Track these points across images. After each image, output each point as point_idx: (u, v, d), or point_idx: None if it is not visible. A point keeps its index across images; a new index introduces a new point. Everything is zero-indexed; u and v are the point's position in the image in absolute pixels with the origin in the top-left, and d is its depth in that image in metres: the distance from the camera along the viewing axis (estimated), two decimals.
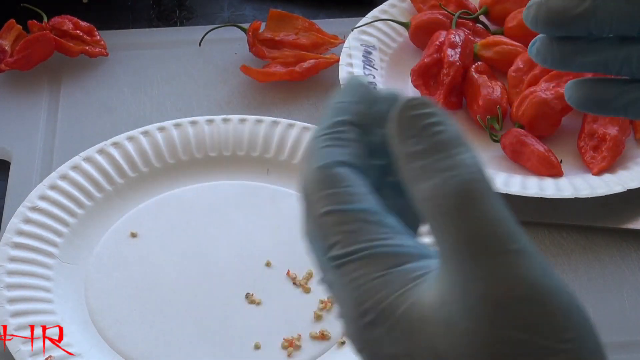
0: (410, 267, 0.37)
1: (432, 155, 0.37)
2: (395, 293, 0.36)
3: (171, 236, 0.83)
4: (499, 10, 1.00)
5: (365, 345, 0.38)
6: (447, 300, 0.35)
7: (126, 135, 0.88)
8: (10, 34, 0.99)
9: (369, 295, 0.37)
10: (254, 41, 0.98)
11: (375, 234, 0.37)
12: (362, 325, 0.37)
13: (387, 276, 0.37)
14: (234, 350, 0.75)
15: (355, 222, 0.38)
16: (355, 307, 0.37)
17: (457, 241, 0.36)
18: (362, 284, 0.37)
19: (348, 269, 0.38)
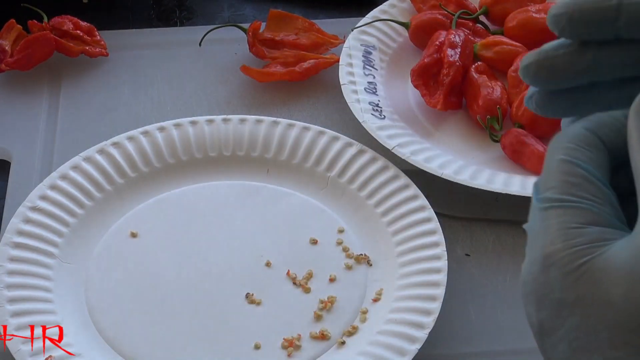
0: (605, 230, 0.41)
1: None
2: (584, 245, 0.41)
3: (171, 236, 0.83)
4: (498, 10, 1.00)
5: (535, 287, 0.42)
6: (637, 256, 0.39)
7: (126, 135, 0.88)
8: (10, 34, 0.99)
9: (560, 240, 0.41)
10: (254, 41, 0.98)
11: (591, 194, 0.42)
12: (541, 268, 0.42)
13: (583, 229, 0.41)
14: (233, 350, 0.75)
15: (580, 178, 0.42)
16: (542, 247, 0.42)
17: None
18: (558, 228, 0.41)
19: (552, 213, 0.42)
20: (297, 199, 0.86)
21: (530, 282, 0.43)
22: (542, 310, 0.43)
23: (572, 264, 0.41)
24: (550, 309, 0.42)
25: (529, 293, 0.43)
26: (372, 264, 0.80)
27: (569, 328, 0.41)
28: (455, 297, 0.78)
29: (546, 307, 0.42)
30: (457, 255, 0.82)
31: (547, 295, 0.42)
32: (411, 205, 0.82)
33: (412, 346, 0.72)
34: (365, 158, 0.86)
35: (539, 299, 0.43)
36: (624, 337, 0.39)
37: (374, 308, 0.77)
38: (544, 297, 0.42)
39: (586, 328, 0.41)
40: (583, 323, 0.41)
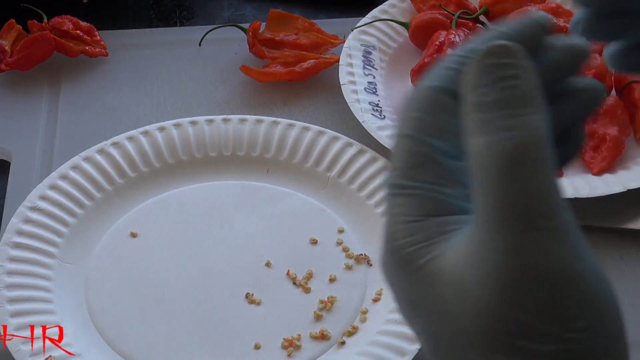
0: (447, 219, 0.37)
1: (496, 111, 0.35)
2: (423, 242, 0.36)
3: (171, 236, 0.83)
4: (498, 10, 1.00)
5: (391, 283, 0.38)
6: (467, 263, 0.35)
7: (126, 135, 0.88)
8: (10, 34, 0.99)
9: (402, 235, 0.37)
10: (254, 41, 0.98)
11: (432, 176, 0.37)
12: (392, 265, 0.37)
13: (423, 222, 0.37)
14: (233, 350, 0.75)
15: (420, 156, 0.38)
16: (388, 241, 0.37)
17: (490, 206, 0.35)
18: (399, 221, 0.37)
19: (395, 201, 0.38)
20: (297, 199, 0.86)
21: (386, 276, 0.39)
22: (399, 308, 0.39)
23: (413, 264, 0.37)
24: (403, 308, 0.38)
25: (390, 286, 0.39)
26: (372, 264, 0.80)
27: (418, 331, 0.38)
28: None
29: (401, 306, 0.39)
30: None
31: (399, 293, 0.38)
32: None
33: (412, 346, 0.72)
34: (365, 158, 0.86)
35: (399, 296, 0.38)
36: (463, 350, 0.36)
37: (374, 308, 0.77)
38: (397, 294, 0.38)
39: (432, 334, 0.37)
40: (428, 329, 0.37)
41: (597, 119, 0.88)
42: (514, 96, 0.35)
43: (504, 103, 0.35)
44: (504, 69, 0.36)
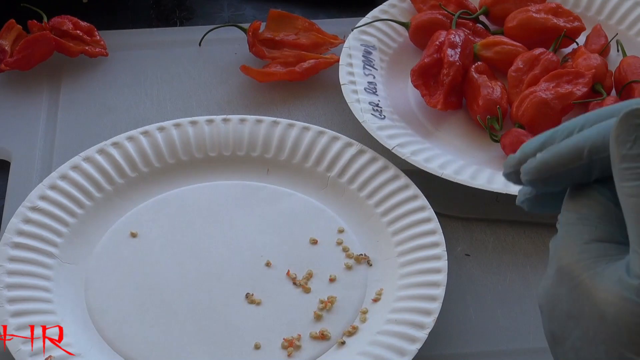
0: (610, 245, 0.45)
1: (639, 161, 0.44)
2: (589, 259, 0.45)
3: (171, 236, 0.83)
4: (499, 10, 1.00)
5: (547, 300, 0.46)
6: (625, 279, 0.43)
7: (126, 135, 0.88)
8: (10, 34, 0.99)
9: (570, 254, 0.45)
10: (254, 41, 0.98)
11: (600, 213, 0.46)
12: (553, 281, 0.46)
13: (590, 245, 0.45)
14: (233, 350, 0.75)
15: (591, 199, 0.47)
16: (556, 262, 0.46)
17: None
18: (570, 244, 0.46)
19: (567, 227, 0.46)
20: (297, 199, 0.86)
21: (543, 294, 0.47)
22: (553, 322, 0.46)
23: (577, 278, 0.45)
24: (560, 321, 0.46)
25: (543, 305, 0.47)
26: (372, 264, 0.80)
27: (575, 339, 0.45)
28: (455, 297, 0.78)
29: (556, 319, 0.46)
30: (457, 255, 0.82)
31: (557, 307, 0.46)
32: (411, 205, 0.82)
33: (412, 346, 0.72)
34: (365, 158, 0.86)
35: (550, 310, 0.46)
36: (618, 350, 0.43)
37: (374, 308, 0.77)
38: (555, 308, 0.46)
39: (588, 340, 0.45)
40: (585, 335, 0.45)
41: None
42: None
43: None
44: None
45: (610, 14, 1.01)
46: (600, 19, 1.02)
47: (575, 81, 0.90)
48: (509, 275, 0.80)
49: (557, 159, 0.48)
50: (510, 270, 0.80)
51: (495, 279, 0.80)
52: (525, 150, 0.50)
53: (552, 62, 0.93)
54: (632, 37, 1.00)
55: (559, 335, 0.46)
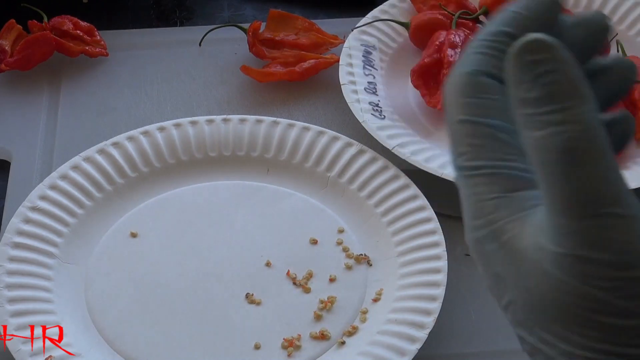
0: (525, 194, 0.39)
1: (543, 106, 0.36)
2: (505, 218, 0.38)
3: (171, 236, 0.83)
4: (498, 10, 1.00)
5: (478, 257, 0.40)
6: (545, 246, 0.37)
7: (126, 135, 0.88)
8: (10, 34, 0.99)
9: (483, 214, 0.39)
10: (254, 41, 0.98)
11: (500, 152, 0.39)
12: (475, 238, 0.40)
13: (503, 199, 0.39)
14: (233, 350, 0.75)
15: (484, 137, 0.39)
16: (471, 219, 0.40)
17: (557, 195, 0.37)
18: (480, 200, 0.39)
19: (472, 181, 0.39)
20: (297, 199, 0.86)
21: (473, 250, 0.41)
22: (487, 279, 0.41)
23: (497, 241, 0.39)
24: (492, 280, 0.41)
25: (477, 260, 0.41)
26: (372, 264, 0.80)
27: (506, 302, 0.40)
28: (455, 297, 0.78)
29: (489, 277, 0.41)
30: (457, 255, 0.82)
31: (489, 268, 0.40)
32: (411, 205, 0.82)
33: (412, 346, 0.72)
34: (365, 158, 0.86)
35: (485, 269, 0.41)
36: (545, 322, 0.38)
37: (374, 308, 0.77)
38: (487, 267, 0.40)
39: (519, 306, 0.39)
40: (515, 300, 0.39)
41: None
42: (558, 90, 0.36)
43: (550, 98, 0.36)
44: (542, 65, 0.36)
45: (610, 14, 1.01)
46: None
47: None
48: None
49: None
50: None
51: None
52: None
53: None
54: (632, 37, 1.00)
55: (495, 295, 0.41)
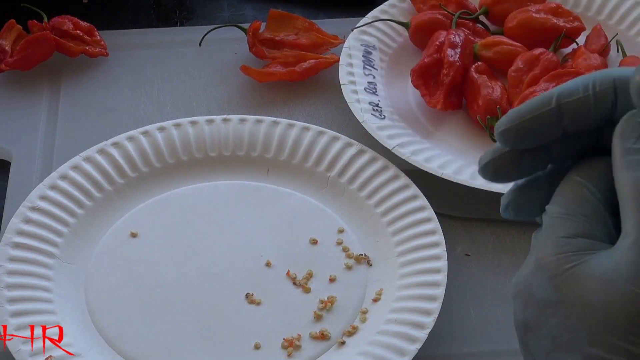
0: (594, 243, 0.46)
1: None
2: (571, 252, 0.46)
3: (171, 236, 0.83)
4: (499, 10, 1.00)
5: (524, 288, 0.47)
6: (615, 267, 0.44)
7: (126, 135, 0.88)
8: (10, 34, 0.99)
9: (551, 247, 0.46)
10: (254, 41, 0.98)
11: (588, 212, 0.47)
12: (532, 271, 0.47)
13: (573, 239, 0.46)
14: (233, 350, 0.75)
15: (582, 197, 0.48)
16: (536, 252, 0.47)
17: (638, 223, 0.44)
18: (551, 237, 0.47)
19: (554, 222, 0.48)
20: (297, 199, 0.86)
21: (520, 283, 0.47)
22: (528, 309, 0.47)
23: (559, 268, 0.45)
24: (535, 308, 0.46)
25: (518, 294, 0.47)
26: (372, 264, 0.80)
27: (552, 326, 0.46)
28: (455, 297, 0.78)
29: (532, 306, 0.47)
30: (457, 255, 0.82)
31: (534, 295, 0.46)
32: (411, 205, 0.82)
33: (412, 346, 0.72)
34: (365, 158, 0.86)
35: (526, 299, 0.47)
36: (601, 337, 0.44)
37: (374, 308, 0.77)
38: (531, 297, 0.47)
39: (567, 327, 0.45)
40: (564, 322, 0.45)
41: None
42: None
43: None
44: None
45: (610, 14, 1.01)
46: (600, 19, 1.02)
47: None
48: (509, 275, 0.80)
49: (527, 107, 0.49)
50: (510, 270, 0.80)
51: (495, 279, 0.80)
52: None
53: (552, 62, 0.93)
54: (632, 37, 1.00)
55: (533, 324, 0.47)
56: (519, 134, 0.49)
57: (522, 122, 0.49)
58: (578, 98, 0.49)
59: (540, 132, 0.49)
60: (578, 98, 0.49)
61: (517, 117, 0.49)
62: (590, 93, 0.49)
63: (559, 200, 0.48)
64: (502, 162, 0.51)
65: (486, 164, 0.51)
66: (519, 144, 0.50)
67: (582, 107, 0.49)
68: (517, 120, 0.49)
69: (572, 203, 0.48)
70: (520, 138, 0.50)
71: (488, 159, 0.51)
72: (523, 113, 0.49)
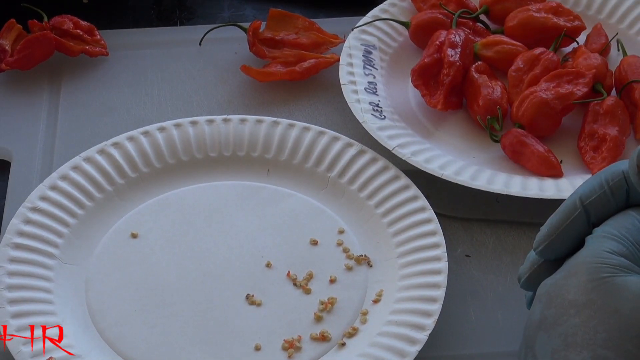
0: (634, 266, 0.52)
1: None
2: (611, 266, 0.51)
3: (171, 236, 0.83)
4: (499, 9, 1.00)
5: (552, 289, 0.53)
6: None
7: (126, 135, 0.88)
8: (10, 34, 0.99)
9: (594, 256, 0.52)
10: (254, 41, 0.98)
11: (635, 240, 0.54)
12: (566, 274, 0.53)
13: (615, 256, 0.52)
14: (234, 351, 0.75)
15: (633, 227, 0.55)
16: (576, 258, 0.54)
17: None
18: (598, 249, 0.52)
19: (601, 239, 0.54)
20: (298, 199, 0.86)
21: (549, 285, 0.53)
22: (550, 309, 0.51)
23: (597, 274, 0.51)
24: (559, 308, 0.51)
25: (544, 294, 0.53)
26: (373, 265, 0.80)
27: (570, 325, 0.50)
28: (455, 298, 0.78)
29: (555, 306, 0.51)
30: (457, 256, 0.82)
31: (562, 296, 0.51)
32: (411, 206, 0.82)
33: (413, 348, 0.72)
34: (366, 158, 0.86)
35: (551, 299, 0.52)
36: (618, 341, 0.48)
37: (375, 309, 0.77)
38: (558, 297, 0.51)
39: (586, 327, 0.49)
40: (586, 323, 0.49)
41: (598, 119, 0.88)
42: None
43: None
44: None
45: (611, 13, 1.01)
46: (601, 18, 1.01)
47: (576, 81, 0.90)
48: (509, 276, 0.80)
49: (557, 218, 0.57)
50: (510, 271, 0.80)
51: (496, 280, 0.80)
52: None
53: (552, 61, 0.93)
54: (633, 36, 0.99)
55: (552, 321, 0.52)
56: (556, 245, 0.57)
57: (558, 234, 0.57)
58: (598, 195, 0.56)
59: (574, 235, 0.57)
60: (598, 195, 0.56)
61: (552, 232, 0.58)
62: (606, 188, 0.56)
63: (610, 223, 0.54)
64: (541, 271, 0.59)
65: (528, 277, 0.60)
66: (559, 253, 0.57)
67: (603, 201, 0.56)
68: (553, 235, 0.57)
69: (623, 228, 0.53)
70: (559, 247, 0.57)
71: (528, 272, 0.60)
72: (556, 226, 0.57)
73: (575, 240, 0.57)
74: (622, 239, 0.53)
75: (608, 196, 0.56)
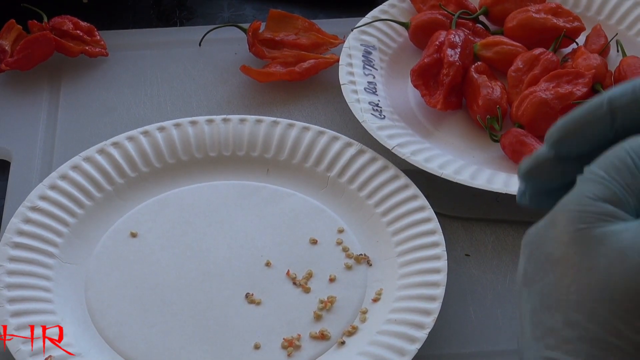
0: (619, 212, 0.44)
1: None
2: (590, 214, 0.44)
3: (171, 236, 0.83)
4: (498, 10, 1.00)
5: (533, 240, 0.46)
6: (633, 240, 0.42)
7: (126, 135, 0.89)
8: (10, 34, 0.99)
9: (572, 204, 0.45)
10: (254, 41, 0.98)
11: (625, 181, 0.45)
12: (546, 224, 0.45)
13: (597, 202, 0.44)
14: (233, 350, 0.75)
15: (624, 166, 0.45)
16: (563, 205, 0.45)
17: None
18: (577, 195, 0.45)
19: (586, 181, 0.45)
20: (297, 199, 0.86)
21: (531, 234, 0.46)
22: (530, 262, 0.45)
23: (573, 225, 0.43)
24: (537, 261, 0.44)
25: (526, 244, 0.46)
26: (372, 264, 0.80)
27: (546, 283, 0.43)
28: (455, 297, 0.78)
29: (535, 259, 0.45)
30: (456, 255, 0.82)
31: (539, 248, 0.44)
32: (411, 205, 0.82)
33: (412, 346, 0.72)
34: (365, 158, 0.86)
35: (532, 251, 0.45)
36: (591, 304, 0.41)
37: (374, 308, 0.77)
38: (537, 249, 0.45)
39: (560, 287, 0.43)
40: (559, 281, 0.43)
41: None
42: None
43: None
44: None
45: (610, 14, 1.01)
46: (600, 18, 1.02)
47: (575, 81, 0.90)
48: (509, 275, 0.80)
49: (579, 113, 0.49)
50: (510, 270, 0.80)
51: (495, 279, 0.80)
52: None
53: (552, 62, 0.93)
54: (632, 37, 1.00)
55: (531, 277, 0.45)
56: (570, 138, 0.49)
57: (576, 128, 0.49)
58: (628, 98, 0.48)
59: (592, 135, 0.49)
60: (628, 98, 0.48)
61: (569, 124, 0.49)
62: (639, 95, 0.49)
63: (599, 163, 0.46)
64: (545, 169, 0.50)
65: (529, 170, 0.50)
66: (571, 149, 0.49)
67: (632, 108, 0.48)
68: (569, 129, 0.49)
69: (612, 168, 0.45)
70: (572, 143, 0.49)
71: (530, 165, 0.50)
72: (576, 119, 0.49)
73: (591, 143, 0.49)
74: (609, 181, 0.45)
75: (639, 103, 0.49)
